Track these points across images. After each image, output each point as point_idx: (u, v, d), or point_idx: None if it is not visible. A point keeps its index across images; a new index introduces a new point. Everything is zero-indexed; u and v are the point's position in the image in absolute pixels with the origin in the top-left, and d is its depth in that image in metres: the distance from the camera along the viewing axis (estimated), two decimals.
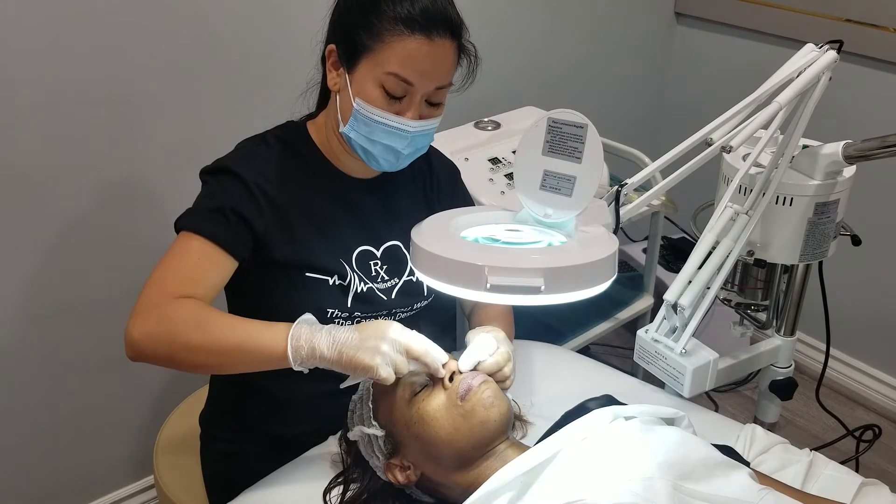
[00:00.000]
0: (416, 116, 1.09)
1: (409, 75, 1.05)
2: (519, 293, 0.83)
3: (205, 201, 1.11)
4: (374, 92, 1.06)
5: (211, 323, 1.01)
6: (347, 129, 1.10)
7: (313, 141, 1.20)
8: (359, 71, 1.07)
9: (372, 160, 1.13)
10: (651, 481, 0.90)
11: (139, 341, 1.01)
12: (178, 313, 1.01)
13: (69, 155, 1.51)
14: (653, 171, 1.14)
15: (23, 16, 1.38)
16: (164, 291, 1.03)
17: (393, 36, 1.04)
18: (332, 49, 1.12)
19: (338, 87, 1.12)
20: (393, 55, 1.04)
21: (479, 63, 1.15)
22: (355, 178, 1.21)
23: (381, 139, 1.09)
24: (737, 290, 1.37)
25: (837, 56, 1.16)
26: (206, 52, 1.60)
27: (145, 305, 1.02)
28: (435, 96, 1.10)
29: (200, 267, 1.06)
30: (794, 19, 2.17)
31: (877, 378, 2.27)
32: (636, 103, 2.57)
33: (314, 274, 1.15)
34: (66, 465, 1.75)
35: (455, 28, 1.08)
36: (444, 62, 1.08)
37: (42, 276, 1.57)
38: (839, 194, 1.23)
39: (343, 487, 1.09)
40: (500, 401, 1.02)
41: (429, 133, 1.13)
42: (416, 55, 1.04)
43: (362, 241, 1.21)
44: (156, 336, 1.00)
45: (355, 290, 1.18)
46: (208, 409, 1.37)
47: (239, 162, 1.13)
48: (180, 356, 1.01)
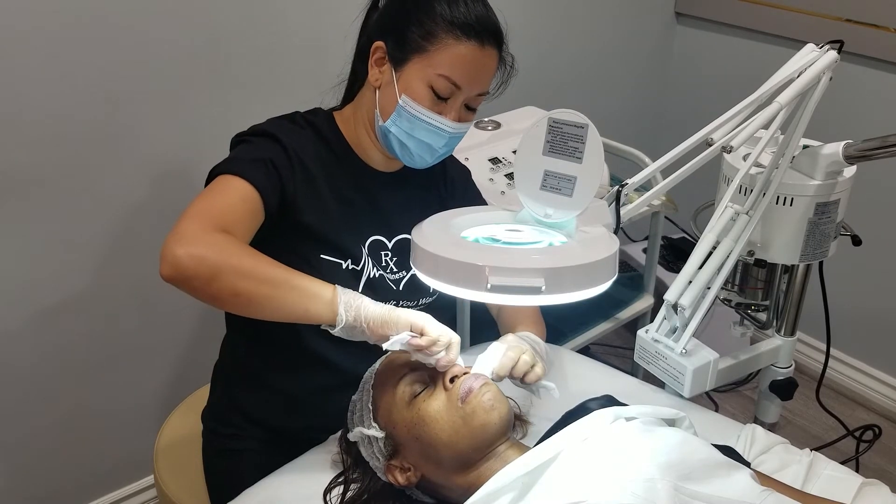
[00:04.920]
0: (456, 118, 1.14)
1: (458, 78, 1.10)
2: (519, 293, 0.83)
3: (244, 153, 1.12)
4: (422, 91, 1.11)
5: (257, 254, 1.01)
6: (388, 124, 1.14)
7: (340, 130, 1.22)
8: (407, 69, 1.11)
9: (406, 155, 1.17)
10: (652, 482, 0.90)
11: (183, 258, 0.95)
12: (229, 240, 0.99)
13: (69, 155, 1.51)
14: (653, 171, 1.13)
15: (23, 16, 1.38)
16: (209, 222, 1.00)
17: (448, 39, 1.09)
18: (379, 46, 1.14)
19: (380, 82, 1.15)
20: (447, 57, 1.09)
21: (514, 74, 1.20)
22: (377, 170, 1.24)
23: (421, 136, 1.13)
24: (737, 290, 1.37)
25: (838, 56, 1.16)
26: (206, 52, 1.60)
27: (191, 230, 0.98)
28: (474, 102, 1.16)
29: (240, 209, 1.05)
30: (794, 19, 2.17)
31: (877, 378, 2.27)
32: (636, 103, 2.57)
33: (328, 256, 1.17)
34: (66, 465, 1.75)
35: (501, 38, 1.14)
36: (488, 69, 1.14)
37: (42, 275, 1.57)
38: (839, 194, 1.23)
39: (343, 488, 1.09)
40: (500, 403, 1.02)
41: (461, 135, 1.18)
42: (468, 60, 1.10)
43: (376, 231, 1.23)
44: (203, 256, 0.96)
45: (368, 275, 1.20)
46: (209, 405, 1.37)
47: (277, 129, 1.16)
48: (225, 277, 0.97)
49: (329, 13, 1.67)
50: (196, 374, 1.55)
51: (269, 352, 1.24)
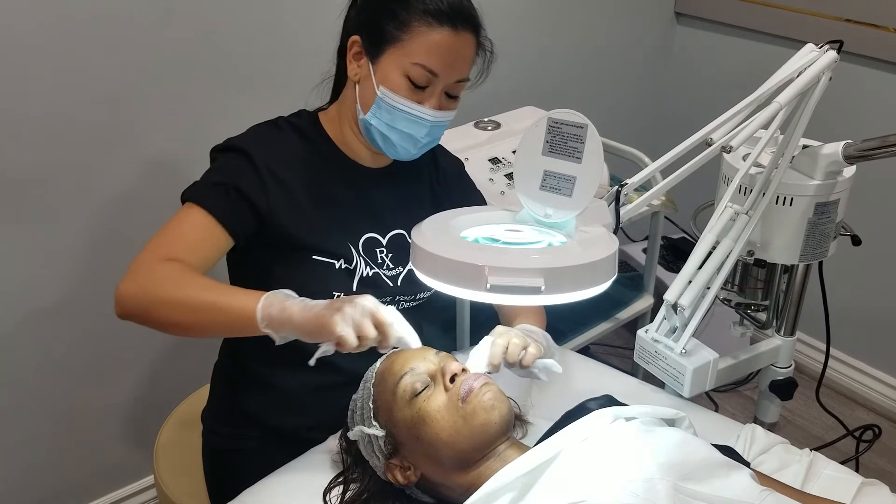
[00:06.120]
0: (437, 106, 1.13)
1: (434, 66, 1.09)
2: (519, 293, 0.83)
3: (210, 175, 1.14)
4: (398, 81, 1.10)
5: (188, 280, 1.02)
6: (369, 117, 1.14)
7: (325, 130, 1.22)
8: (383, 60, 1.11)
9: (390, 147, 1.16)
10: (652, 482, 0.90)
11: (121, 297, 1.03)
12: (161, 271, 1.03)
13: (68, 155, 1.51)
14: (653, 171, 1.13)
15: (23, 16, 1.38)
16: (155, 254, 1.06)
17: (421, 27, 1.09)
18: (355, 40, 1.15)
19: (359, 76, 1.15)
20: (421, 45, 1.09)
21: (494, 60, 1.20)
22: (365, 167, 1.24)
23: (402, 127, 1.13)
24: (737, 290, 1.37)
25: (837, 56, 1.16)
26: (207, 52, 1.60)
27: (135, 265, 1.05)
28: (454, 89, 1.15)
29: (195, 236, 1.09)
30: (794, 19, 2.17)
31: (877, 378, 2.27)
32: (636, 103, 2.57)
33: (321, 257, 1.17)
34: (66, 465, 1.75)
35: (477, 23, 1.14)
36: (465, 55, 1.13)
37: (42, 275, 1.57)
38: (839, 194, 1.23)
39: (343, 487, 1.09)
40: (501, 403, 1.02)
41: (444, 124, 1.17)
42: (443, 46, 1.09)
43: (369, 228, 1.23)
44: (136, 291, 1.03)
45: (361, 274, 1.20)
46: (209, 405, 1.37)
47: (250, 141, 1.16)
48: (156, 311, 1.02)
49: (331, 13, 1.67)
50: (196, 373, 1.55)
51: (269, 351, 1.24)
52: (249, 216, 1.12)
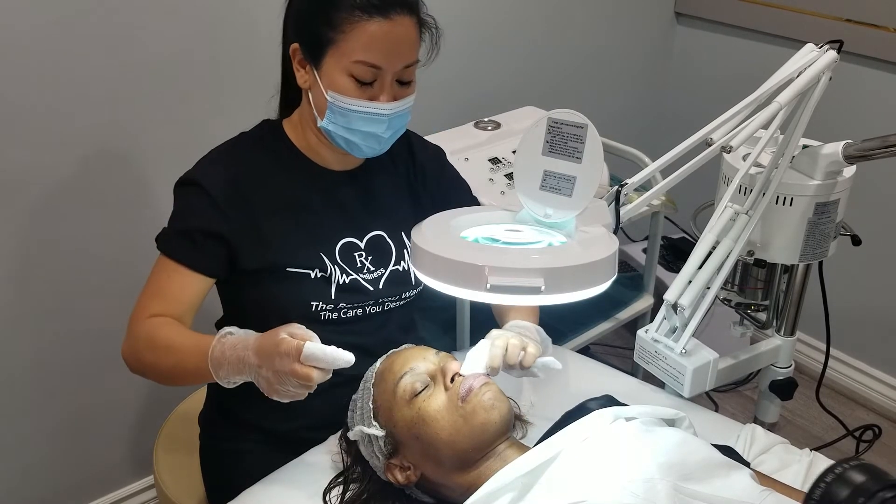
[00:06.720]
0: (391, 98, 1.11)
1: (375, 59, 1.06)
2: (519, 293, 0.83)
3: (174, 221, 1.16)
4: (344, 82, 1.08)
5: (158, 343, 1.08)
6: (325, 123, 1.12)
7: (289, 138, 1.21)
8: (326, 64, 1.09)
9: (355, 149, 1.15)
10: (652, 482, 0.90)
11: (124, 358, 1.12)
12: (140, 333, 1.09)
13: (67, 155, 1.51)
14: (653, 171, 1.13)
15: (23, 16, 1.38)
16: (140, 313, 1.11)
17: (352, 23, 1.05)
18: (295, 48, 1.13)
19: (308, 83, 1.13)
20: (356, 42, 1.06)
21: (441, 34, 1.16)
22: (335, 170, 1.22)
23: (360, 127, 1.11)
24: (737, 290, 1.37)
25: (837, 56, 1.16)
26: (207, 52, 1.60)
27: (129, 325, 1.12)
28: (404, 75, 1.11)
29: (174, 288, 1.13)
30: (794, 19, 2.17)
31: (877, 378, 2.27)
32: (636, 103, 2.57)
33: (295, 269, 1.17)
34: (66, 465, 1.75)
35: (411, 4, 1.09)
36: (406, 40, 1.09)
37: (42, 275, 1.57)
38: (839, 194, 1.23)
39: (343, 487, 1.09)
40: (500, 402, 1.02)
41: (405, 113, 1.14)
42: (378, 37, 1.06)
43: (345, 233, 1.21)
44: (129, 355, 1.12)
45: (338, 282, 1.19)
46: (206, 409, 1.37)
47: (206, 171, 1.15)
48: (147, 372, 1.11)
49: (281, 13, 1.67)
50: None
51: None
52: (219, 251, 1.13)
